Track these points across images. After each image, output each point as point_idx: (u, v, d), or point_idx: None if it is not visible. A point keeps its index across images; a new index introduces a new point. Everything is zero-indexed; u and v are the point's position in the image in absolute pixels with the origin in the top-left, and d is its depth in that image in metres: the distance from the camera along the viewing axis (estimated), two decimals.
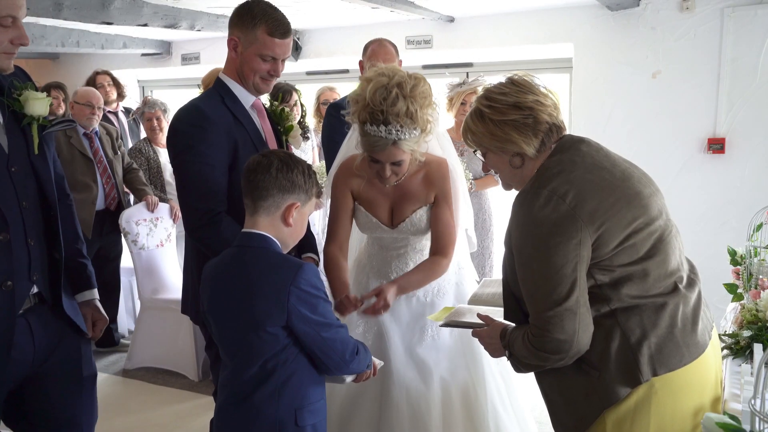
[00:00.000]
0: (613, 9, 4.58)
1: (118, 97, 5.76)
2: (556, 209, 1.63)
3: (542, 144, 1.77)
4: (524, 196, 1.72)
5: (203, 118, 2.25)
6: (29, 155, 1.92)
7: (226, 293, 1.84)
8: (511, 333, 1.83)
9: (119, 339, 4.99)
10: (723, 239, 3.52)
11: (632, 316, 1.67)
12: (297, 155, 1.98)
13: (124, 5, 4.44)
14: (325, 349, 1.83)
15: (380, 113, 2.20)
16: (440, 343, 2.50)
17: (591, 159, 1.74)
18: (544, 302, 1.66)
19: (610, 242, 1.65)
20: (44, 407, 2.03)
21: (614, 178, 1.71)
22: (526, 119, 1.75)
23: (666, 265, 1.71)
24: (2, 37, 1.76)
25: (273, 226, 1.86)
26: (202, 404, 3.99)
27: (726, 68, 4.35)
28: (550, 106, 1.78)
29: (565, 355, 1.68)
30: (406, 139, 2.25)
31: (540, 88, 1.80)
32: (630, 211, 1.68)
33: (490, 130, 1.78)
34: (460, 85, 4.42)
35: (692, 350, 1.70)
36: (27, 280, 1.90)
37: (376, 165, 2.34)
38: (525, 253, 1.69)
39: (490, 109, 1.78)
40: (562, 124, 1.82)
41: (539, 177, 1.74)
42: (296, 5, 4.43)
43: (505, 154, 1.81)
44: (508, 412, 2.52)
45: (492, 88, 1.82)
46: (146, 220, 4.61)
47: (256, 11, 2.27)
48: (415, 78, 2.28)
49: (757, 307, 2.32)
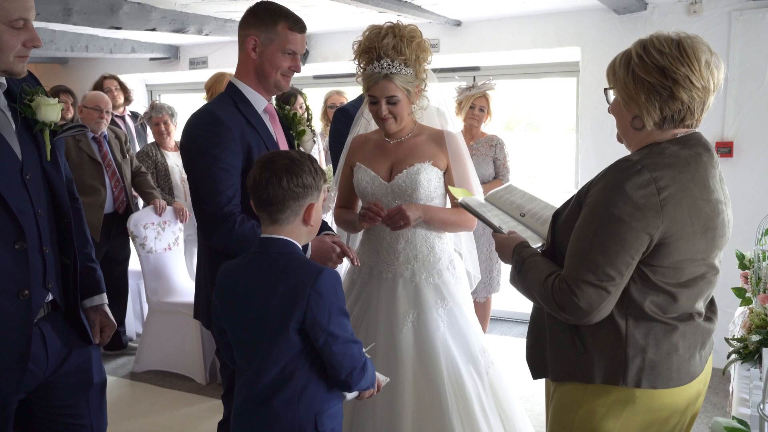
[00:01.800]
0: (620, 13, 4.58)
1: (125, 102, 5.79)
2: (648, 198, 1.58)
3: (663, 121, 1.67)
4: (627, 165, 1.63)
5: (216, 123, 2.26)
6: (41, 162, 1.91)
7: (245, 299, 1.82)
8: (530, 256, 1.81)
9: (127, 342, 5.01)
10: (731, 243, 3.49)
11: (641, 326, 1.68)
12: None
13: (132, 10, 4.47)
14: (334, 363, 1.79)
15: (373, 50, 2.48)
16: (422, 331, 2.50)
17: (703, 172, 1.67)
18: (589, 269, 1.62)
19: (666, 256, 1.63)
20: (54, 415, 2.02)
21: (707, 204, 1.66)
22: (663, 89, 1.63)
23: (694, 300, 1.71)
24: (15, 40, 1.75)
25: (293, 231, 1.85)
26: (209, 407, 4.00)
27: (734, 72, 4.34)
28: (699, 88, 1.64)
29: (575, 320, 1.68)
30: (397, 73, 2.45)
31: (701, 63, 1.63)
32: (699, 242, 1.65)
33: (626, 80, 1.68)
34: (469, 89, 4.43)
35: (682, 377, 1.71)
36: (42, 288, 1.89)
37: (375, 106, 2.51)
38: (598, 215, 1.63)
39: (638, 60, 1.65)
40: (700, 113, 1.69)
41: (651, 156, 1.65)
42: (304, 9, 4.45)
43: (627, 111, 1.71)
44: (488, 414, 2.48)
45: (655, 38, 1.67)
46: (154, 223, 4.63)
47: (273, 8, 2.32)
48: (410, 26, 2.52)
49: (765, 312, 2.32)
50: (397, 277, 2.57)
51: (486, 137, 4.51)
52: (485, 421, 2.46)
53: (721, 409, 3.72)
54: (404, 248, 2.57)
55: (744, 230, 4.01)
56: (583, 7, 4.71)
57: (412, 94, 2.52)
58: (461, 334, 2.55)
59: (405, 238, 2.57)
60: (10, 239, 1.79)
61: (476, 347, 2.57)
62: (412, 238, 2.57)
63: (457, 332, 2.55)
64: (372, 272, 2.62)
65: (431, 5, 4.56)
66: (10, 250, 1.79)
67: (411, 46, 2.47)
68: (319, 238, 2.23)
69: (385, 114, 2.49)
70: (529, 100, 6.88)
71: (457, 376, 2.48)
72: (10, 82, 1.88)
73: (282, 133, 2.53)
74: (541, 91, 6.44)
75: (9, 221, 1.79)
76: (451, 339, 2.53)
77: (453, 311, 2.56)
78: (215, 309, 1.93)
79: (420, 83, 2.54)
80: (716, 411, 3.72)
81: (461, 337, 2.55)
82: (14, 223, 1.80)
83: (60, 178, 1.98)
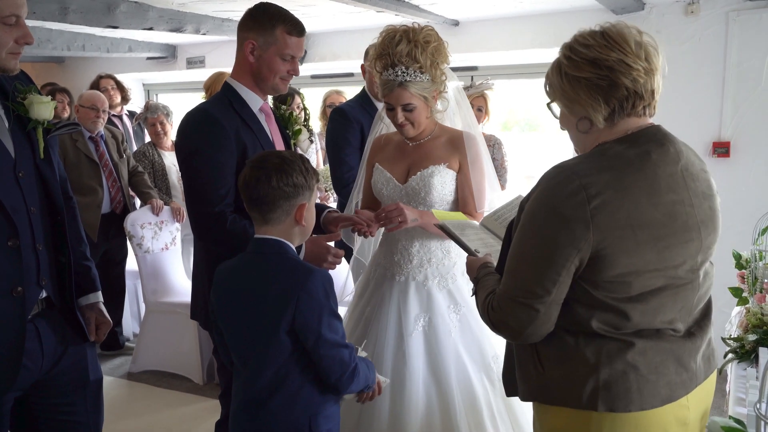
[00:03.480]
0: (617, 13, 4.58)
1: (122, 101, 5.78)
2: (576, 208, 1.45)
3: (613, 114, 1.54)
4: (556, 173, 1.52)
5: (211, 122, 2.25)
6: (35, 160, 1.91)
7: (239, 301, 1.83)
8: (484, 276, 1.74)
9: (124, 342, 5.00)
10: (728, 243, 3.51)
11: (592, 344, 1.54)
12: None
13: (129, 9, 4.46)
14: (324, 366, 1.78)
15: (387, 56, 2.41)
16: (433, 336, 2.48)
17: (651, 173, 1.50)
18: (516, 286, 1.54)
19: (604, 270, 1.48)
20: (50, 413, 2.02)
21: (656, 209, 1.49)
22: (601, 80, 1.51)
23: (653, 315, 1.53)
24: (7, 37, 1.75)
25: (285, 231, 1.85)
26: (206, 407, 3.99)
27: (731, 72, 4.34)
28: (638, 69, 1.50)
29: (510, 339, 1.62)
30: (412, 81, 2.39)
31: (631, 45, 1.52)
32: (647, 253, 1.48)
33: (561, 85, 1.58)
34: (467, 89, 4.43)
35: (646, 400, 1.52)
36: (36, 285, 1.89)
37: (391, 113, 2.47)
38: (526, 230, 1.54)
39: (567, 61, 1.57)
40: (652, 93, 1.54)
41: (588, 159, 1.54)
42: (302, 9, 4.44)
43: (573, 116, 1.60)
44: (497, 423, 2.45)
45: (579, 36, 1.59)
46: (151, 223, 4.62)
47: (272, 12, 2.29)
48: (425, 29, 2.44)
49: (762, 311, 2.32)
50: (410, 280, 2.55)
51: (484, 137, 4.51)
52: (494, 429, 2.42)
53: (718, 409, 3.72)
54: (418, 251, 2.55)
55: (741, 230, 4.02)
56: (580, 7, 4.71)
57: (429, 100, 2.47)
58: (474, 341, 2.51)
59: (420, 241, 2.54)
60: (3, 236, 1.79)
61: (489, 354, 2.51)
62: (427, 241, 2.54)
63: (470, 338, 2.50)
64: (386, 274, 2.60)
65: (429, 5, 4.56)
66: (3, 247, 1.80)
67: (426, 51, 2.40)
68: (312, 239, 2.21)
69: (402, 121, 2.46)
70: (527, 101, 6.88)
71: (467, 383, 2.44)
72: (2, 80, 1.88)
73: (278, 133, 2.53)
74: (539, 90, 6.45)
75: (2, 218, 1.79)
76: (462, 345, 2.49)
77: (466, 317, 2.51)
78: (213, 309, 1.94)
79: (438, 87, 2.48)
80: (713, 411, 3.71)
81: (474, 343, 2.51)
82: (7, 220, 1.80)
83: (53, 176, 1.98)
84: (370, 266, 2.69)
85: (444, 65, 2.49)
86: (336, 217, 2.44)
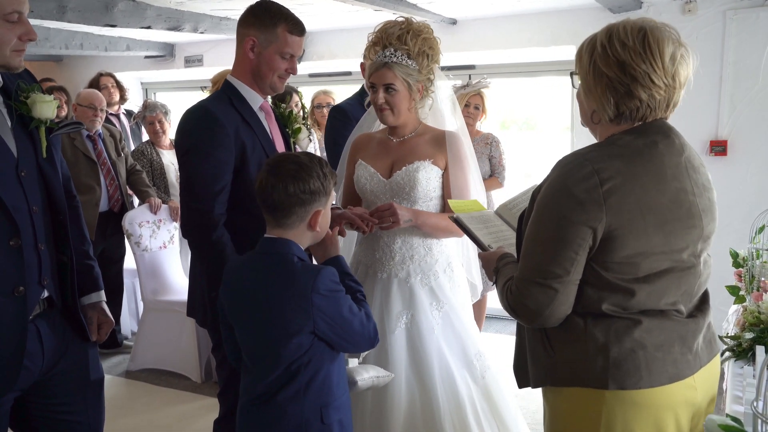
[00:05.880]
0: (615, 11, 4.59)
1: (121, 100, 5.78)
2: (590, 191, 1.51)
3: (620, 117, 1.59)
4: (569, 160, 1.58)
5: (211, 120, 2.25)
6: (37, 159, 1.91)
7: (249, 302, 1.83)
8: (504, 265, 1.77)
9: (122, 340, 5.00)
10: (725, 241, 3.52)
11: (600, 324, 1.59)
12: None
13: (127, 8, 4.45)
14: (351, 341, 1.84)
15: (380, 41, 2.54)
16: (415, 333, 2.47)
17: (658, 161, 1.57)
18: (534, 268, 1.59)
19: (615, 251, 1.55)
20: (52, 413, 2.01)
21: (663, 195, 1.56)
22: (620, 85, 1.55)
23: (659, 296, 1.60)
24: (10, 34, 1.74)
25: (297, 235, 1.85)
26: (205, 405, 4.00)
27: (728, 71, 4.35)
28: (660, 87, 1.54)
29: (529, 323, 1.64)
30: (398, 62, 2.45)
31: (665, 60, 1.53)
32: (654, 236, 1.55)
33: (587, 70, 1.60)
34: (464, 87, 4.44)
35: (654, 378, 1.57)
36: (38, 285, 1.88)
37: (374, 94, 2.49)
38: (541, 214, 1.59)
39: (601, 50, 1.56)
40: (665, 111, 1.61)
41: (600, 148, 1.59)
42: (300, 8, 4.44)
43: (587, 105, 1.65)
44: (481, 420, 2.46)
45: (622, 29, 1.56)
46: (149, 222, 4.62)
47: (274, 10, 2.30)
48: (422, 23, 2.56)
49: (759, 309, 2.32)
50: (392, 277, 2.53)
51: (481, 135, 4.52)
52: (478, 427, 2.43)
53: (716, 407, 3.73)
54: (401, 248, 2.54)
55: (738, 228, 4.03)
56: (578, 6, 4.71)
57: (413, 89, 2.48)
58: (456, 338, 2.51)
59: (402, 238, 2.53)
60: (4, 236, 1.79)
61: (472, 352, 2.52)
62: (409, 238, 2.53)
63: (452, 336, 2.51)
64: (367, 271, 2.59)
65: (427, 3, 4.56)
66: (5, 246, 1.79)
67: (417, 39, 2.48)
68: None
69: (381, 103, 2.46)
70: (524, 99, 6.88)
71: (450, 381, 2.44)
72: (5, 78, 1.88)
73: (278, 131, 2.53)
74: (536, 89, 6.45)
75: (3, 218, 1.78)
76: (445, 343, 2.49)
77: (448, 314, 2.52)
78: (222, 306, 1.94)
79: (423, 80, 2.51)
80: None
81: (456, 341, 2.51)
82: (8, 219, 1.79)
83: (56, 175, 1.97)
84: (351, 264, 2.66)
85: (434, 63, 2.54)
86: (339, 215, 2.44)
